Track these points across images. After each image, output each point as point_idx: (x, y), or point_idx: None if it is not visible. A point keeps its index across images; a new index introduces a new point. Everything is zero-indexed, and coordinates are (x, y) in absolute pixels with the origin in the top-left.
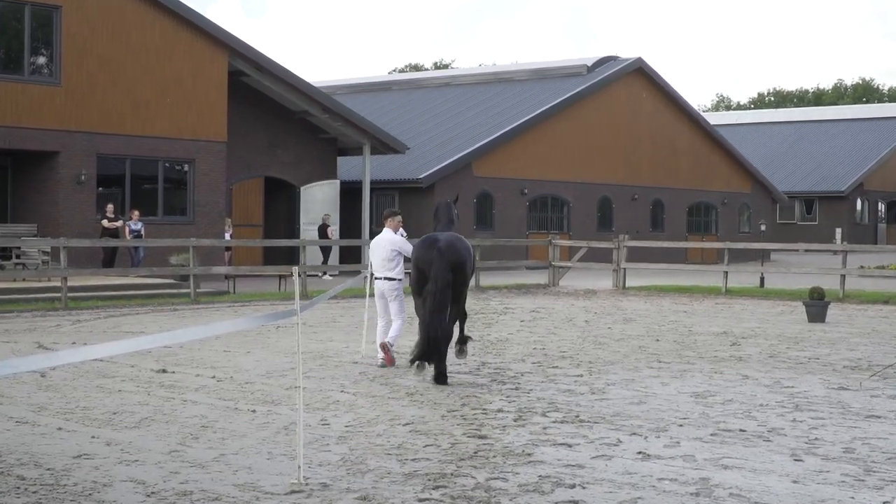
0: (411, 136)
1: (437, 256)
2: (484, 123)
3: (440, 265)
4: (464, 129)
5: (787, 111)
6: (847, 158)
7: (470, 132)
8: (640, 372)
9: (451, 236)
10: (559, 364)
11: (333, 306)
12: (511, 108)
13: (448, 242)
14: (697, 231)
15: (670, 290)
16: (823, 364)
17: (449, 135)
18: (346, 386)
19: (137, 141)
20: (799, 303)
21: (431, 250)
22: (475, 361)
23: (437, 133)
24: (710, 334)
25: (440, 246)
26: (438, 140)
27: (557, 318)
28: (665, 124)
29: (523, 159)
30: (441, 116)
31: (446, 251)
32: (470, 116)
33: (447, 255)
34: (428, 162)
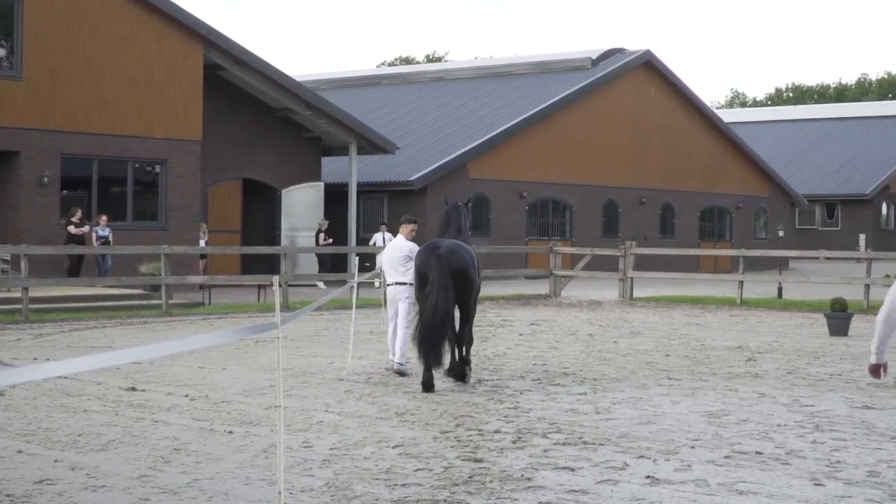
0: (401, 135)
1: (436, 262)
2: (480, 121)
3: (440, 270)
4: (458, 128)
5: (807, 108)
6: (872, 159)
7: (465, 131)
8: (649, 389)
9: (452, 243)
10: (561, 381)
11: (317, 319)
12: (509, 105)
13: (449, 248)
14: (710, 237)
15: (681, 301)
16: (846, 381)
17: (442, 133)
18: (330, 405)
19: (105, 140)
20: (820, 315)
21: (432, 256)
22: (471, 379)
23: (429, 132)
24: (724, 349)
25: (441, 252)
26: (431, 139)
27: (559, 331)
28: (675, 122)
29: (522, 160)
30: (434, 114)
31: (447, 257)
32: (465, 114)
33: (447, 261)
34: (419, 163)
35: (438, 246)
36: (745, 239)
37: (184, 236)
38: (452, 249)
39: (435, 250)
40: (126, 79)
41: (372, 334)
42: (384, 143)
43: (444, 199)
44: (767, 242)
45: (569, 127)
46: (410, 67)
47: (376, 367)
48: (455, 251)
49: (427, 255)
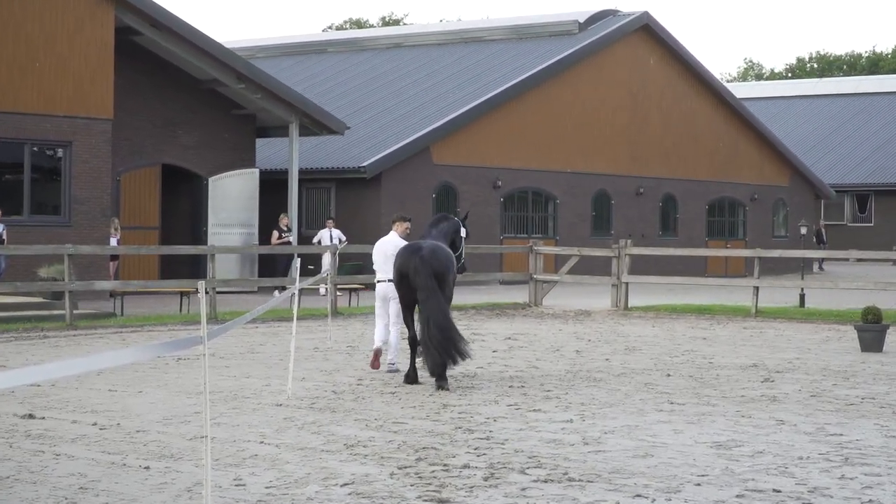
0: (352, 113)
1: (419, 264)
2: (446, 97)
3: (424, 273)
4: (420, 105)
5: (834, 81)
6: None
7: (428, 108)
8: (647, 416)
9: (433, 244)
10: (542, 406)
11: (252, 332)
12: (481, 77)
13: (431, 250)
14: (720, 235)
15: (685, 310)
16: (880, 405)
17: (401, 111)
18: (267, 435)
19: None
20: (849, 326)
21: (414, 257)
22: (434, 403)
23: (385, 109)
24: (736, 368)
25: (423, 254)
26: (387, 118)
27: (541, 346)
28: (679, 98)
29: (497, 143)
30: (391, 87)
31: (429, 259)
32: (428, 88)
33: (430, 263)
34: (373, 146)
35: (420, 248)
36: (762, 237)
37: (91, 234)
38: (434, 251)
39: (417, 252)
40: (22, 45)
41: (317, 351)
42: (331, 123)
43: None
44: (788, 241)
45: (552, 104)
46: (363, 32)
47: (322, 389)
48: (435, 252)
49: (408, 256)
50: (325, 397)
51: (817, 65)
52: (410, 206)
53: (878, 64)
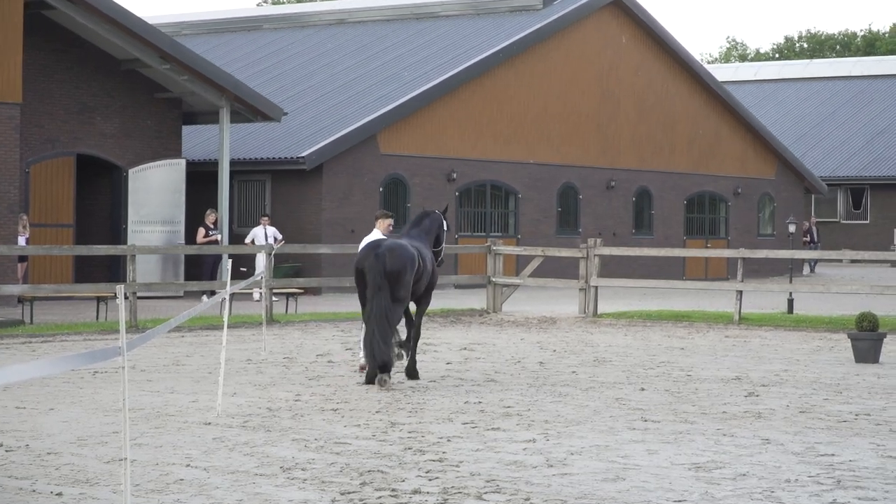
0: (290, 97)
1: (373, 262)
2: (395, 79)
3: (375, 272)
4: (366, 88)
5: (826, 63)
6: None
7: (375, 91)
8: (618, 435)
9: (394, 243)
10: (502, 424)
11: (177, 342)
12: (433, 58)
13: (389, 248)
14: (700, 233)
15: (661, 317)
16: (876, 422)
17: (344, 95)
18: (194, 457)
19: None
20: (842, 335)
21: (370, 255)
22: (381, 421)
23: (327, 93)
24: (717, 381)
25: (378, 252)
26: (329, 103)
27: (500, 358)
28: (654, 81)
29: (452, 131)
30: (333, 68)
31: (383, 257)
32: (375, 69)
33: (383, 261)
34: (314, 134)
35: (378, 245)
36: (746, 235)
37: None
38: (392, 249)
39: (373, 250)
40: None
41: (250, 363)
42: (267, 108)
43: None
44: (775, 240)
45: (513, 87)
46: (302, 6)
47: (255, 406)
48: (393, 250)
49: (364, 254)
50: (259, 415)
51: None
52: (355, 200)
53: (874, 44)
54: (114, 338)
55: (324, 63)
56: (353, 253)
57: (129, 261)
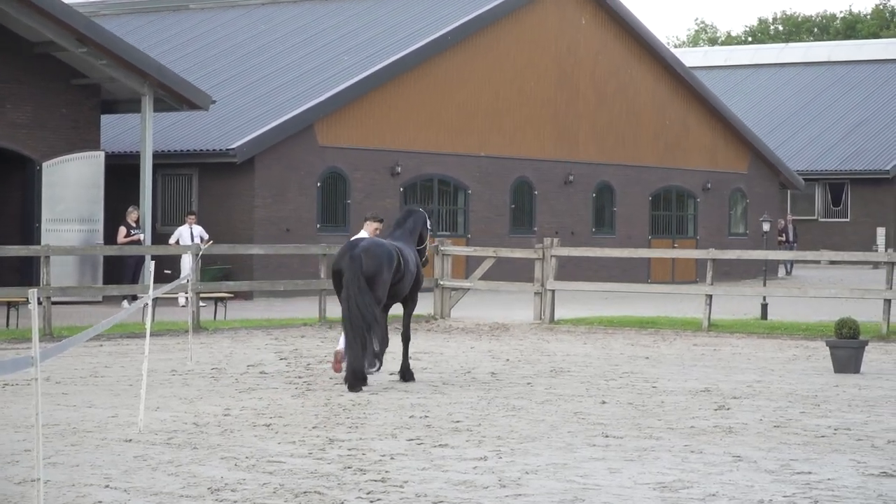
0: (219, 84)
1: (349, 262)
2: (333, 64)
3: (352, 272)
4: (302, 74)
5: (803, 48)
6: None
7: (311, 78)
8: (577, 452)
9: (371, 241)
10: (450, 441)
11: (95, 351)
12: (376, 41)
13: (365, 248)
14: (666, 232)
15: (624, 323)
16: (857, 437)
17: (278, 82)
18: (113, 477)
19: None
20: (820, 343)
21: (346, 255)
22: (318, 437)
23: (259, 79)
24: (685, 393)
25: (354, 252)
26: (262, 90)
27: (448, 368)
28: (616, 67)
29: (396, 121)
30: (266, 52)
31: (359, 257)
32: (311, 53)
33: (359, 262)
34: (245, 124)
35: (354, 246)
36: (716, 234)
37: None
38: (367, 248)
39: (349, 250)
40: None
41: (175, 374)
42: (193, 95)
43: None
44: (748, 240)
45: (463, 74)
46: None
47: (181, 421)
48: (369, 250)
49: (341, 254)
50: (185, 431)
51: (783, 27)
52: (290, 197)
53: (854, 27)
54: (26, 347)
55: (256, 46)
56: (288, 254)
57: (42, 263)
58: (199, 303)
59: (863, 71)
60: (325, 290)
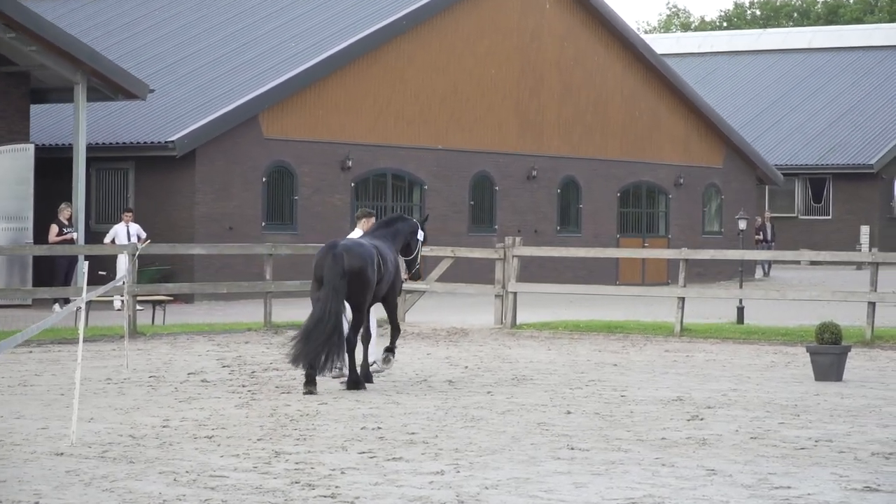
0: (158, 72)
1: (331, 262)
2: (279, 51)
3: (334, 272)
4: (246, 61)
5: (781, 34)
6: (880, 112)
7: (256, 65)
8: (540, 465)
9: (352, 241)
10: (404, 454)
11: (23, 358)
12: (326, 26)
13: (347, 247)
14: (636, 231)
15: (591, 328)
16: (839, 450)
17: (221, 70)
18: (44, 494)
19: None
20: (801, 349)
21: (328, 255)
22: (264, 450)
23: (200, 67)
24: (656, 402)
25: (336, 251)
26: (203, 78)
27: (403, 376)
28: (582, 54)
29: (347, 111)
30: (207, 38)
31: (341, 256)
32: (256, 39)
33: (342, 261)
34: (185, 115)
35: (336, 245)
36: (689, 233)
37: None
38: (350, 248)
39: (331, 249)
40: None
41: (110, 382)
42: (130, 84)
43: None
44: (723, 239)
45: (418, 61)
46: None
47: (116, 433)
48: (351, 249)
49: (323, 254)
50: (121, 443)
51: (760, 12)
52: (234, 192)
53: (836, 12)
54: None
55: (197, 32)
56: (231, 255)
57: None
58: (136, 306)
59: (845, 58)
60: (271, 292)
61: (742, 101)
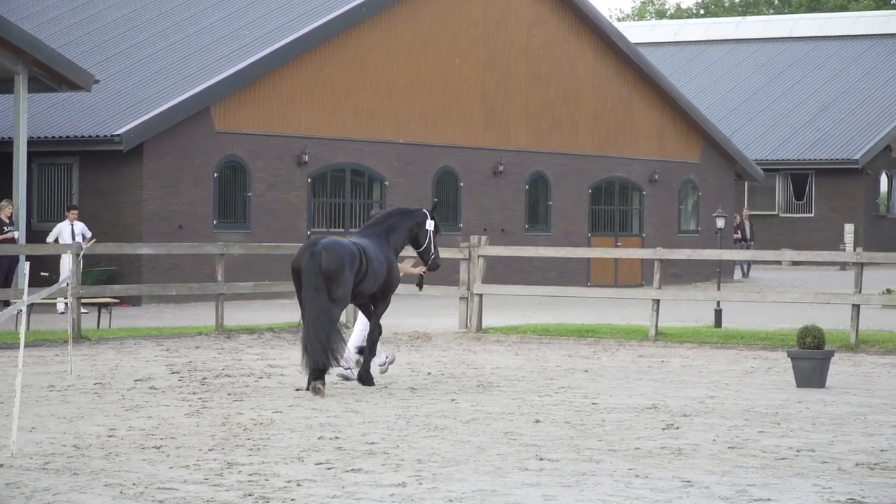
0: (103, 62)
1: (308, 261)
2: (231, 40)
3: (310, 271)
4: (196, 50)
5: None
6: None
7: (208, 54)
8: (507, 477)
9: (331, 240)
10: (364, 465)
11: None
12: (280, 14)
13: (325, 246)
14: (608, 229)
15: (560, 332)
16: (822, 460)
17: (170, 59)
18: None
19: None
20: (781, 353)
21: (305, 253)
22: (216, 462)
23: (148, 56)
24: (629, 410)
25: (315, 250)
26: (151, 68)
27: None
28: (552, 43)
29: (303, 103)
30: (155, 26)
31: (318, 255)
32: (206, 27)
33: (318, 259)
34: (132, 107)
35: (315, 243)
36: (664, 232)
37: None
38: (328, 247)
39: (308, 249)
40: None
41: (53, 390)
42: (74, 74)
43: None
44: (700, 238)
45: (378, 50)
46: None
47: (59, 443)
48: (329, 248)
49: (300, 253)
50: (65, 454)
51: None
52: (184, 189)
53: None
54: None
55: (146, 19)
56: (181, 254)
57: None
58: (81, 309)
59: (828, 48)
60: (223, 294)
61: (720, 93)
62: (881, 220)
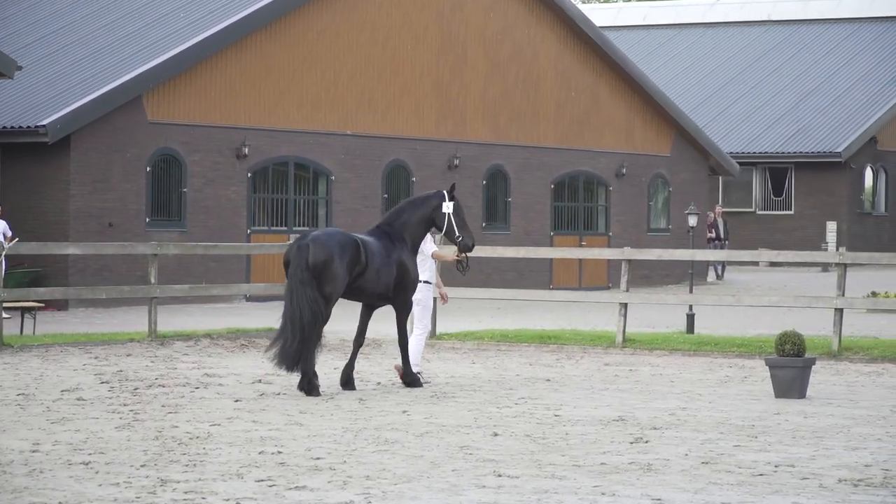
0: (27, 47)
1: (295, 254)
2: (166, 23)
3: (296, 264)
4: (128, 35)
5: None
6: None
7: (140, 39)
8: (463, 494)
9: (324, 231)
10: (308, 482)
11: None
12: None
13: (314, 238)
14: (572, 227)
15: (520, 338)
16: (802, 475)
17: (98, 44)
18: None
19: None
20: (759, 361)
21: (293, 247)
22: (148, 479)
23: (75, 41)
24: (594, 422)
25: (301, 243)
26: (78, 54)
27: None
28: (511, 26)
29: (243, 92)
30: (85, 8)
31: (306, 248)
32: (139, 9)
33: (306, 252)
34: (58, 95)
35: (306, 236)
36: (633, 230)
37: None
38: (317, 240)
39: (298, 241)
40: None
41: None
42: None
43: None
44: (670, 237)
45: (324, 35)
46: None
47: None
48: (319, 240)
49: (291, 245)
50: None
51: None
52: (115, 184)
53: None
54: None
55: (70, 2)
56: (111, 255)
57: None
58: (2, 314)
59: (809, 32)
60: (156, 298)
61: (693, 81)
62: (866, 218)
